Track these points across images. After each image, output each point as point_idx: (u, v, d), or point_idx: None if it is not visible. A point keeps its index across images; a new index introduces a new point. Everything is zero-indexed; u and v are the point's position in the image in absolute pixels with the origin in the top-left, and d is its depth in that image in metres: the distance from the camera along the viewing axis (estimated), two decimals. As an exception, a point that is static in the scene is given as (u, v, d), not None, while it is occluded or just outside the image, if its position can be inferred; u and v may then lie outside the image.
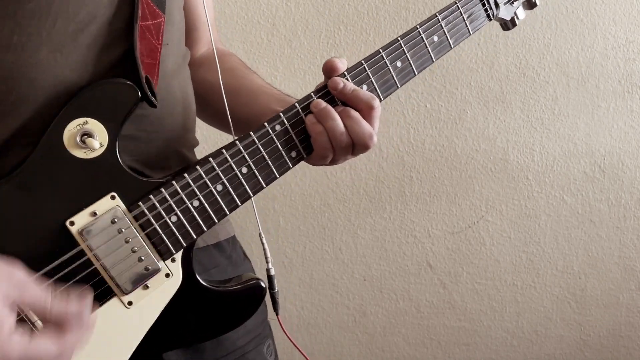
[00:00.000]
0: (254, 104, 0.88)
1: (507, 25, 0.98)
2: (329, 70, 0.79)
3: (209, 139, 1.51)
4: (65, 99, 0.67)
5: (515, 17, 0.98)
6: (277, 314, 0.86)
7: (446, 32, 0.85)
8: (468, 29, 0.88)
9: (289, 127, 0.76)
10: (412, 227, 1.84)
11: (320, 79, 0.84)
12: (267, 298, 0.88)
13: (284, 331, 0.87)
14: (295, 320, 1.82)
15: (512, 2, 0.95)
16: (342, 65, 0.79)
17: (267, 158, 0.75)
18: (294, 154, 0.76)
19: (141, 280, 0.69)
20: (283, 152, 0.76)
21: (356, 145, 0.77)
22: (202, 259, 0.81)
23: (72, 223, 0.66)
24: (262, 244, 0.85)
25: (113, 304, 0.69)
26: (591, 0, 1.74)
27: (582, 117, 1.81)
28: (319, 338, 1.89)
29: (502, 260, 1.89)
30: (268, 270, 0.85)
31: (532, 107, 1.80)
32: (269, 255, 0.85)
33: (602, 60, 1.78)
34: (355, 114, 0.77)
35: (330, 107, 0.76)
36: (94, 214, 0.67)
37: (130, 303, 0.69)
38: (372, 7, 1.70)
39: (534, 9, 0.99)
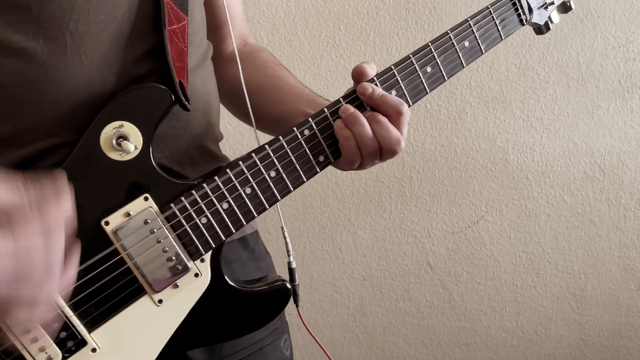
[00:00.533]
0: (283, 104, 0.89)
1: (541, 29, 0.96)
2: (358, 75, 0.80)
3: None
4: (95, 100, 0.69)
5: (549, 21, 0.96)
6: (297, 306, 0.87)
7: (477, 37, 0.84)
8: (500, 34, 0.87)
9: (317, 131, 0.76)
10: (412, 227, 1.84)
11: (320, 78, 0.84)
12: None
13: (304, 323, 0.89)
14: (296, 320, 1.82)
15: (547, 7, 0.93)
16: (372, 70, 0.79)
17: (296, 162, 0.76)
18: (321, 158, 0.77)
19: (171, 279, 0.71)
20: (311, 156, 0.76)
21: (384, 151, 0.78)
22: (226, 253, 0.82)
23: (107, 223, 0.69)
24: (284, 237, 0.88)
25: (144, 301, 0.71)
26: (591, 0, 1.74)
27: (582, 117, 1.81)
28: (319, 338, 1.88)
29: (502, 260, 1.89)
30: (289, 263, 0.87)
31: (532, 107, 1.80)
32: (290, 248, 0.88)
33: (602, 60, 1.78)
34: (383, 119, 0.77)
35: (358, 112, 0.76)
36: (128, 214, 0.69)
37: (160, 301, 0.71)
38: (372, 7, 1.70)
39: (569, 12, 0.98)
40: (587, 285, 1.93)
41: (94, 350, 0.68)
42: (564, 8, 0.97)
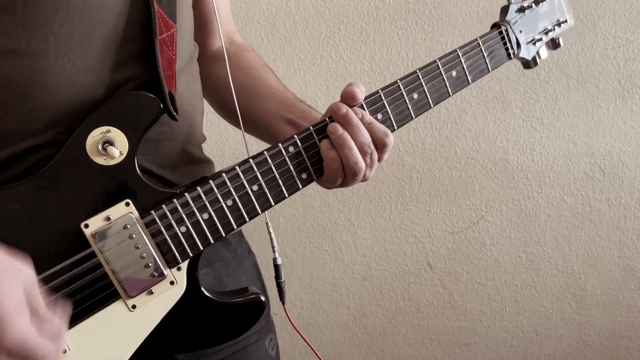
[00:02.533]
0: (263, 108, 0.90)
1: (529, 64, 0.99)
2: (348, 98, 0.79)
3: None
4: (79, 103, 0.69)
5: (537, 57, 0.99)
6: (283, 303, 0.87)
7: (465, 68, 0.86)
8: (487, 66, 0.89)
9: (302, 149, 0.77)
10: (412, 227, 1.84)
11: (320, 78, 0.85)
12: (272, 291, 0.89)
13: (290, 320, 0.89)
14: (296, 320, 1.82)
15: (535, 43, 0.96)
16: (362, 95, 0.79)
17: (279, 178, 0.76)
18: (304, 175, 0.78)
19: (147, 285, 0.71)
20: (294, 173, 0.77)
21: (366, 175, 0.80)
22: (208, 253, 0.82)
23: (86, 225, 0.69)
24: (269, 233, 0.87)
25: (118, 306, 0.71)
26: (591, 0, 1.74)
27: (582, 117, 1.81)
28: (319, 338, 1.89)
29: (502, 260, 1.89)
30: (275, 259, 0.87)
31: (532, 107, 1.80)
32: (275, 244, 0.87)
33: (602, 60, 1.78)
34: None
35: (346, 135, 0.76)
36: (108, 218, 0.70)
37: (134, 306, 0.71)
38: (372, 7, 1.70)
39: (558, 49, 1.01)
40: (587, 285, 1.93)
41: (64, 351, 0.68)
42: (553, 44, 1.00)
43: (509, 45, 0.91)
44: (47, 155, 0.69)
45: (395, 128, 0.82)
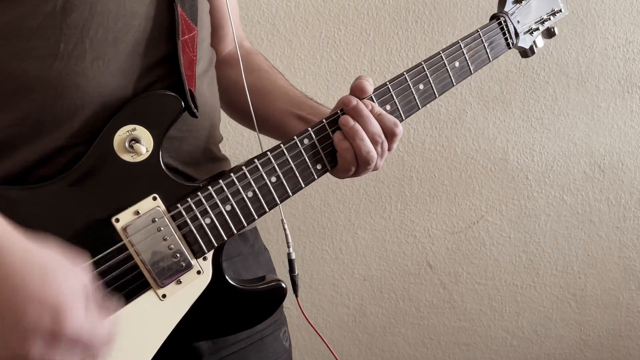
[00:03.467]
0: (274, 106, 0.94)
1: (526, 53, 1.02)
2: (357, 91, 0.83)
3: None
4: (109, 104, 0.73)
5: (533, 46, 1.02)
6: (296, 296, 0.91)
7: (467, 58, 0.91)
8: (488, 56, 0.93)
9: (316, 141, 0.81)
10: (412, 227, 1.84)
11: (320, 78, 0.86)
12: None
13: (303, 313, 0.92)
14: (296, 320, 1.82)
15: (532, 32, 1.00)
16: (370, 87, 0.83)
17: (295, 169, 0.80)
18: (319, 166, 0.82)
19: (175, 275, 0.75)
20: (310, 164, 0.81)
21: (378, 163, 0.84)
22: (227, 248, 0.85)
23: (117, 220, 0.72)
24: (284, 229, 0.90)
25: (149, 295, 0.74)
26: (591, 0, 1.74)
27: (582, 117, 1.81)
28: (319, 338, 1.89)
29: (502, 260, 1.89)
30: (289, 254, 0.91)
31: (532, 107, 1.80)
32: (290, 240, 0.91)
33: (602, 60, 1.78)
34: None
35: (358, 126, 0.81)
36: (137, 212, 0.73)
37: (164, 296, 0.75)
38: (372, 7, 1.70)
39: (553, 38, 1.04)
40: (587, 285, 1.93)
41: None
42: (549, 33, 1.03)
43: (507, 35, 0.96)
44: (79, 153, 0.72)
45: (404, 118, 0.86)
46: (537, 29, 1.01)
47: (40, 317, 0.58)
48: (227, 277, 0.78)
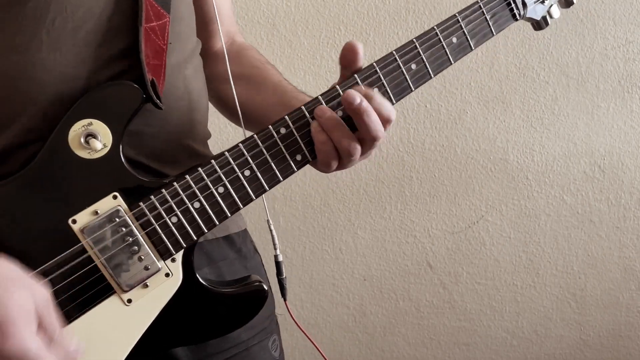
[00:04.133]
0: (264, 102, 0.88)
1: (540, 24, 0.92)
2: (349, 53, 0.74)
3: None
4: (68, 96, 0.68)
5: (547, 16, 0.91)
6: (284, 300, 0.86)
7: (466, 33, 0.81)
8: (491, 29, 0.83)
9: (294, 130, 0.74)
10: (412, 227, 1.84)
11: (320, 78, 0.84)
12: (275, 292, 0.88)
13: (293, 318, 0.87)
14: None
15: (544, 1, 0.89)
16: (362, 49, 0.75)
17: (271, 161, 0.73)
18: (299, 157, 0.75)
19: (141, 278, 0.70)
20: (287, 155, 0.74)
21: (363, 151, 0.75)
22: (211, 252, 0.82)
23: (74, 221, 0.68)
24: (270, 230, 0.86)
25: (112, 301, 0.70)
26: (591, 0, 1.74)
27: (582, 117, 1.81)
28: (319, 338, 1.89)
29: (502, 260, 1.89)
30: (276, 256, 0.86)
31: (532, 107, 1.80)
32: (277, 241, 0.86)
33: (602, 61, 1.78)
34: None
35: (335, 117, 0.73)
36: (96, 212, 0.68)
37: (129, 301, 0.70)
38: (372, 7, 1.70)
39: (571, 7, 0.93)
40: (587, 285, 1.93)
41: None
42: (566, 2, 0.92)
43: (513, 5, 0.84)
44: (37, 151, 0.68)
45: (394, 102, 0.77)
46: None
47: None
48: (200, 280, 0.73)
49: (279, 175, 0.74)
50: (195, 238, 0.72)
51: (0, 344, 0.56)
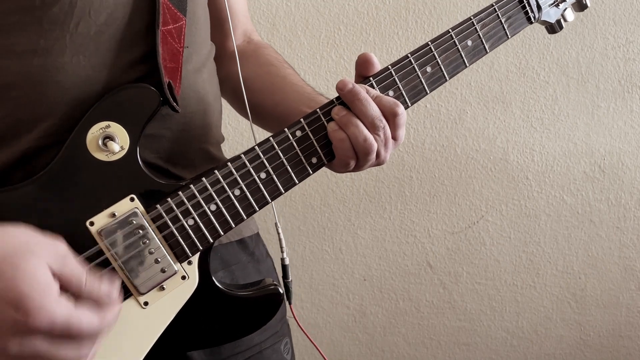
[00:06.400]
0: (284, 104, 0.88)
1: (553, 28, 0.92)
2: (364, 65, 0.76)
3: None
4: (90, 99, 0.69)
5: (562, 20, 0.92)
6: (289, 303, 0.86)
7: (481, 36, 0.82)
8: (506, 32, 0.84)
9: (309, 132, 0.75)
10: (412, 227, 1.84)
11: (320, 78, 0.84)
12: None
13: (297, 321, 0.88)
14: (293, 322, 1.82)
15: (558, 4, 0.90)
16: (377, 62, 0.76)
17: (287, 164, 0.74)
18: (314, 160, 0.75)
19: (157, 281, 0.70)
20: (303, 157, 0.75)
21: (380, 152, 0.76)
22: (225, 255, 0.82)
23: (91, 223, 0.68)
24: (278, 233, 0.86)
25: (129, 304, 0.70)
26: (591, 0, 1.74)
27: (582, 117, 1.81)
28: (319, 338, 1.89)
29: (502, 260, 1.89)
30: (283, 259, 0.87)
31: (532, 107, 1.80)
32: (284, 245, 0.87)
33: (602, 60, 1.78)
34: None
35: (351, 114, 0.74)
36: (113, 215, 0.69)
37: (146, 303, 0.70)
38: (372, 7, 1.70)
39: (585, 10, 0.94)
40: (587, 285, 1.93)
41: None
42: (580, 6, 0.93)
43: (528, 8, 0.85)
44: (57, 153, 0.69)
45: (409, 104, 0.78)
46: (564, 0, 0.90)
47: (1, 312, 0.55)
48: (216, 283, 0.74)
49: (295, 178, 0.75)
50: (211, 241, 0.72)
51: (25, 319, 0.55)
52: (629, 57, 1.79)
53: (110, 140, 0.68)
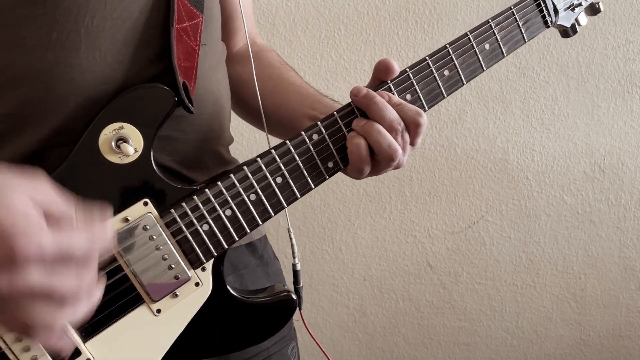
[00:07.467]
0: (286, 106, 0.87)
1: (568, 32, 0.93)
2: (383, 70, 0.75)
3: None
4: (104, 99, 0.66)
5: (576, 24, 0.93)
6: (299, 309, 0.84)
7: (499, 39, 0.81)
8: (523, 36, 0.83)
9: (326, 136, 0.73)
10: (412, 227, 1.84)
11: (321, 78, 0.84)
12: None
13: (306, 327, 0.87)
14: (295, 321, 1.82)
15: (574, 8, 0.90)
16: (397, 67, 0.75)
17: (303, 167, 0.72)
18: (330, 164, 0.74)
19: (170, 288, 0.68)
20: (319, 162, 0.73)
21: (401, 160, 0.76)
22: (234, 259, 0.80)
23: None
24: (291, 239, 0.85)
25: (142, 311, 0.68)
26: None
27: (582, 117, 1.81)
28: (319, 338, 1.89)
29: (502, 260, 1.89)
30: (294, 265, 0.85)
31: (532, 107, 1.80)
32: (296, 250, 0.85)
33: (602, 60, 1.78)
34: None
35: (371, 122, 0.72)
36: (126, 219, 0.66)
37: (159, 311, 0.68)
38: (372, 7, 1.70)
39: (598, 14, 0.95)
40: (587, 285, 1.93)
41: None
42: (593, 10, 0.94)
43: (545, 12, 0.85)
44: (69, 152, 0.66)
45: (427, 108, 0.77)
46: (580, 4, 0.90)
47: None
48: (230, 290, 0.72)
49: (311, 182, 0.73)
50: (226, 246, 0.70)
51: (13, 254, 0.51)
52: (629, 57, 1.78)
53: (123, 142, 0.66)
